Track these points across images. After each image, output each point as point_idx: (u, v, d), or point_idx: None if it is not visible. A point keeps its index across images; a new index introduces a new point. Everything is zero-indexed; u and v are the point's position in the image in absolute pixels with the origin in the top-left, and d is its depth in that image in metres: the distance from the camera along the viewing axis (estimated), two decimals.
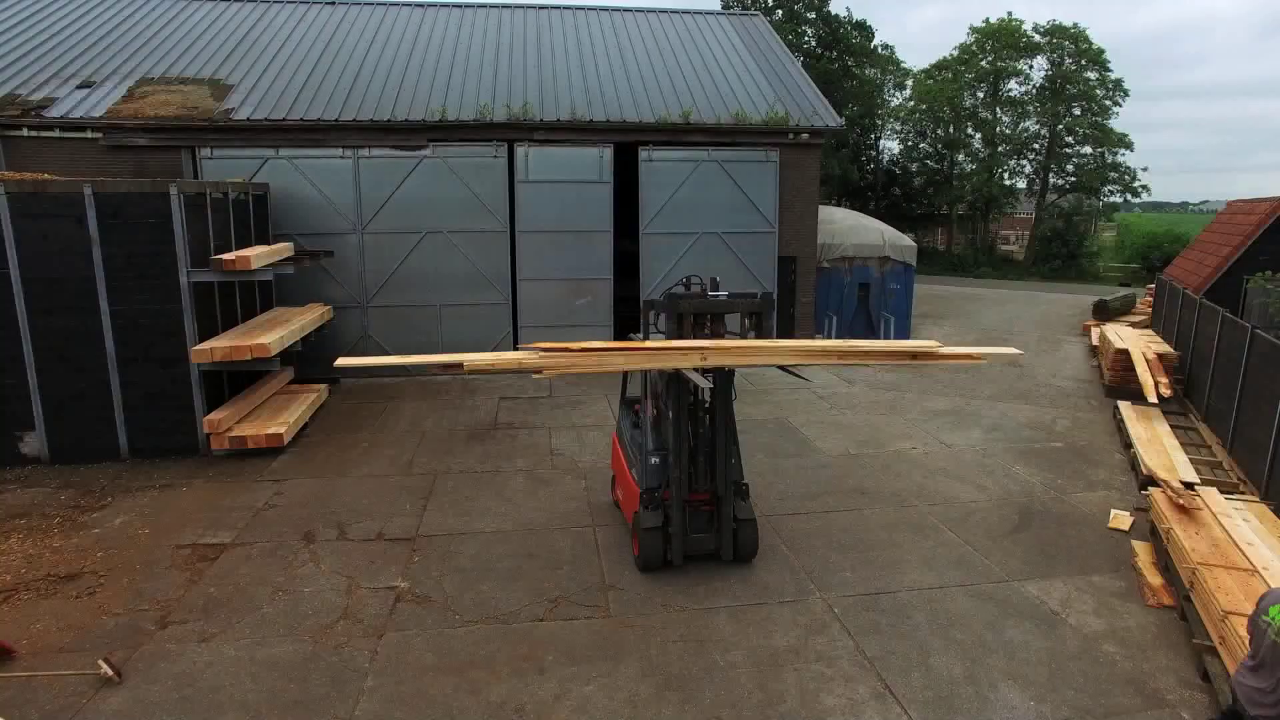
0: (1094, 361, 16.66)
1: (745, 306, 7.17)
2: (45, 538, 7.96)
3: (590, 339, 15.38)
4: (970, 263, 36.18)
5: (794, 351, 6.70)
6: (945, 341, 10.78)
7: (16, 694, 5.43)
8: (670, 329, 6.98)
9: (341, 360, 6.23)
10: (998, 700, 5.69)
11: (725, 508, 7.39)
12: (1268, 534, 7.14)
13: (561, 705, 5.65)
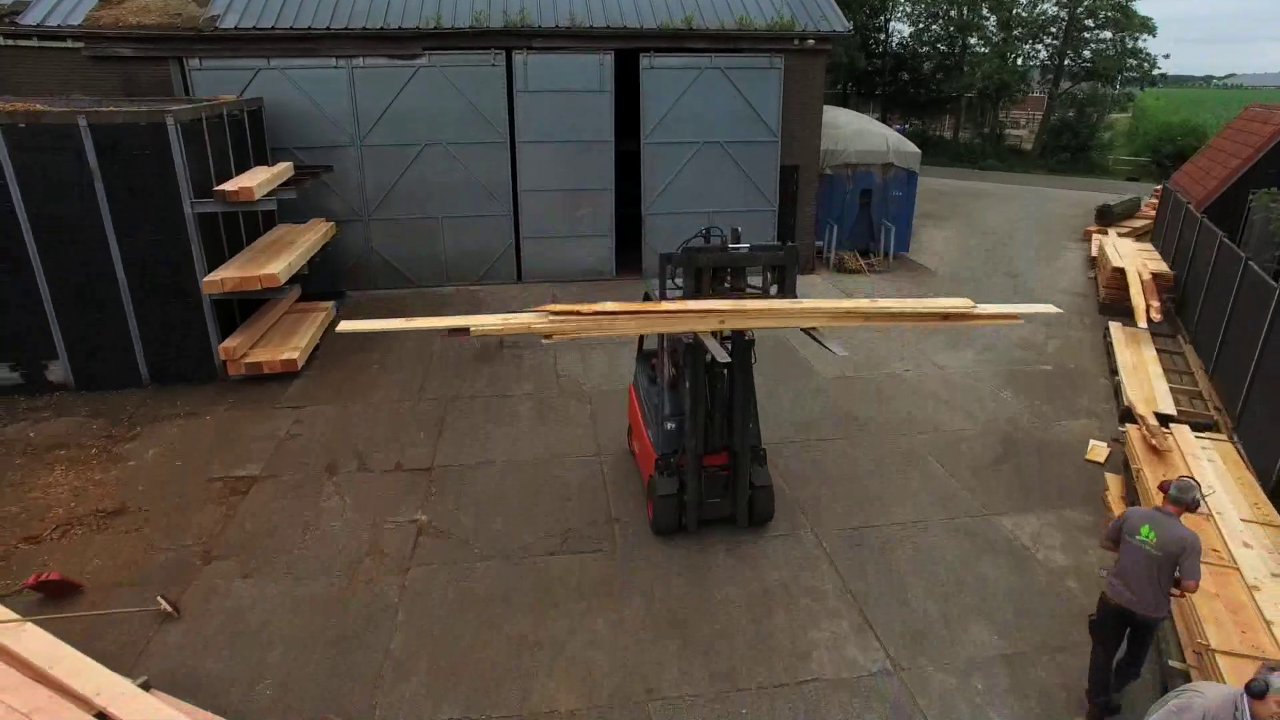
0: (1091, 273, 16.82)
1: (767, 260, 6.77)
2: (86, 470, 8.46)
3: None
4: (978, 154, 35.42)
5: (817, 313, 6.32)
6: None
7: (90, 628, 6.02)
8: (687, 284, 6.63)
9: (344, 324, 6.01)
10: (966, 637, 6.34)
11: (741, 473, 7.26)
12: (1229, 477, 7.64)
13: (574, 640, 6.29)
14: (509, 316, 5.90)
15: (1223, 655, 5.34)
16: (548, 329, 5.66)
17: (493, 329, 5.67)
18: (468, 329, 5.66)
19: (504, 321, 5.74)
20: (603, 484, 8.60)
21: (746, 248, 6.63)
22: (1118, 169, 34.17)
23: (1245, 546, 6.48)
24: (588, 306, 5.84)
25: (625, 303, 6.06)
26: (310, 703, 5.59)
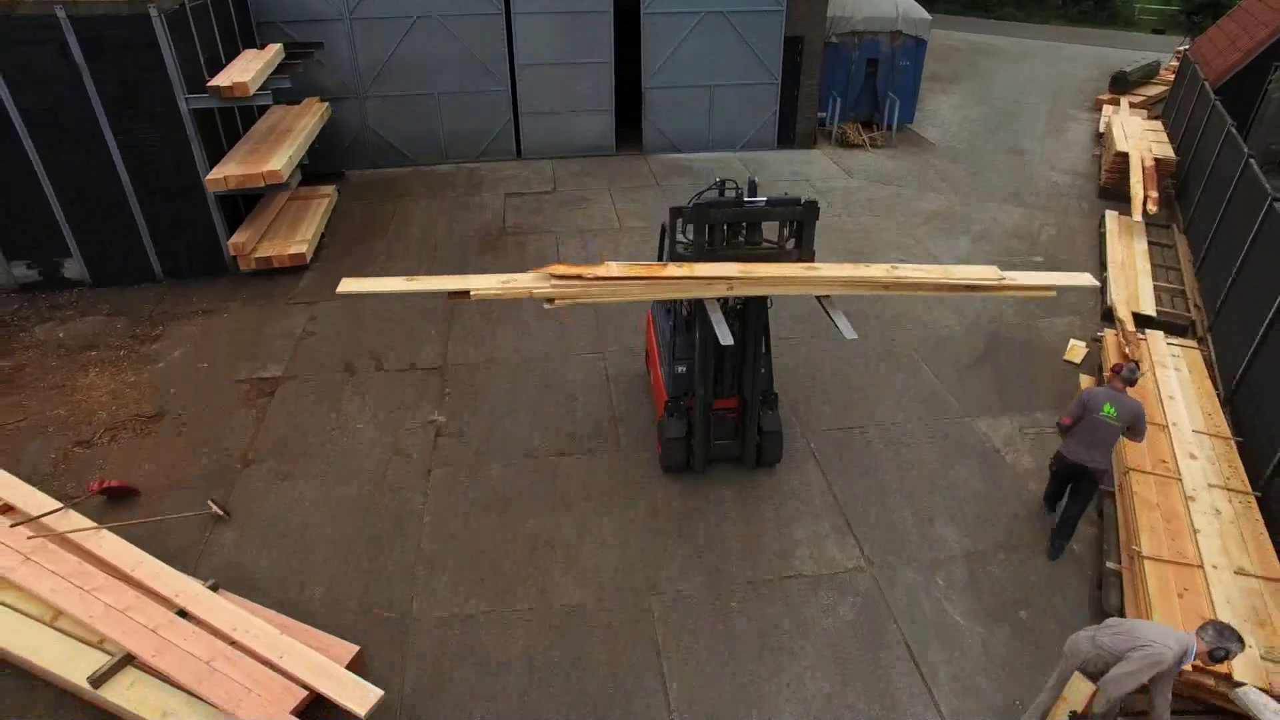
0: (1096, 151, 16.62)
1: (784, 215, 6.46)
2: (119, 372, 8.95)
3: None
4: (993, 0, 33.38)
5: (831, 281, 6.01)
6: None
7: (151, 531, 6.74)
8: (699, 241, 6.37)
9: (344, 284, 5.81)
10: (934, 537, 7.12)
11: (751, 418, 7.26)
12: (1190, 386, 8.19)
13: (584, 541, 7.05)
14: (509, 279, 5.77)
15: (1150, 561, 6.09)
16: (549, 294, 5.63)
17: (492, 293, 5.64)
18: (468, 291, 5.65)
19: (504, 285, 5.67)
20: (605, 381, 9.15)
21: (763, 202, 6.38)
22: (1143, 19, 32.37)
23: (1191, 458, 7.13)
24: (590, 270, 5.76)
25: (630, 264, 5.98)
26: (355, 599, 6.41)
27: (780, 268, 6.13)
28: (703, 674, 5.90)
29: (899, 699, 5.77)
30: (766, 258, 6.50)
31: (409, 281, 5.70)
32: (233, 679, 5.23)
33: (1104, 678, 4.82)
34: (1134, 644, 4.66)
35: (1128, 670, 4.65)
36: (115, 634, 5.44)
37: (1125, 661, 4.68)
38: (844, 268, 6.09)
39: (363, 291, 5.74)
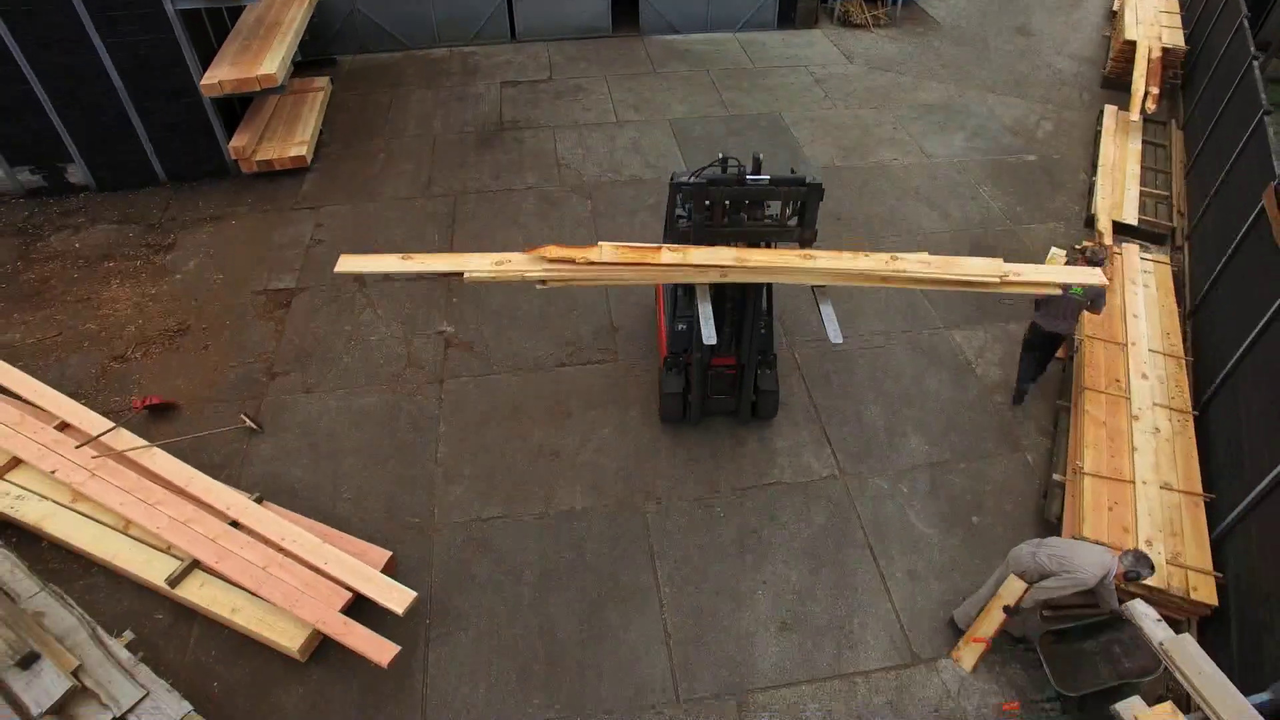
0: (1107, 32, 16.12)
1: (787, 195, 6.28)
2: (138, 283, 9.38)
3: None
4: None
5: (827, 272, 5.94)
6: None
7: (192, 445, 7.44)
8: (698, 218, 6.31)
9: (343, 261, 5.81)
10: (903, 446, 7.86)
11: (747, 377, 7.34)
12: (1155, 304, 8.68)
13: (586, 448, 7.79)
14: (502, 260, 5.77)
15: (1089, 476, 6.85)
16: (542, 276, 5.69)
17: (485, 276, 5.70)
18: (461, 273, 5.76)
19: (497, 267, 5.71)
20: (605, 290, 9.61)
21: (766, 180, 6.18)
22: None
23: (1143, 378, 7.75)
24: (581, 254, 5.72)
25: (623, 247, 5.82)
26: (383, 505, 7.21)
27: (776, 256, 6.04)
28: (691, 572, 6.80)
29: (859, 593, 6.70)
30: (768, 234, 6.56)
31: (404, 260, 5.80)
32: (287, 582, 6.08)
33: (1036, 584, 5.70)
34: (1065, 568, 5.49)
35: (1056, 585, 5.52)
36: (181, 542, 6.26)
37: (1056, 578, 5.54)
38: (841, 258, 5.99)
39: (361, 268, 5.90)
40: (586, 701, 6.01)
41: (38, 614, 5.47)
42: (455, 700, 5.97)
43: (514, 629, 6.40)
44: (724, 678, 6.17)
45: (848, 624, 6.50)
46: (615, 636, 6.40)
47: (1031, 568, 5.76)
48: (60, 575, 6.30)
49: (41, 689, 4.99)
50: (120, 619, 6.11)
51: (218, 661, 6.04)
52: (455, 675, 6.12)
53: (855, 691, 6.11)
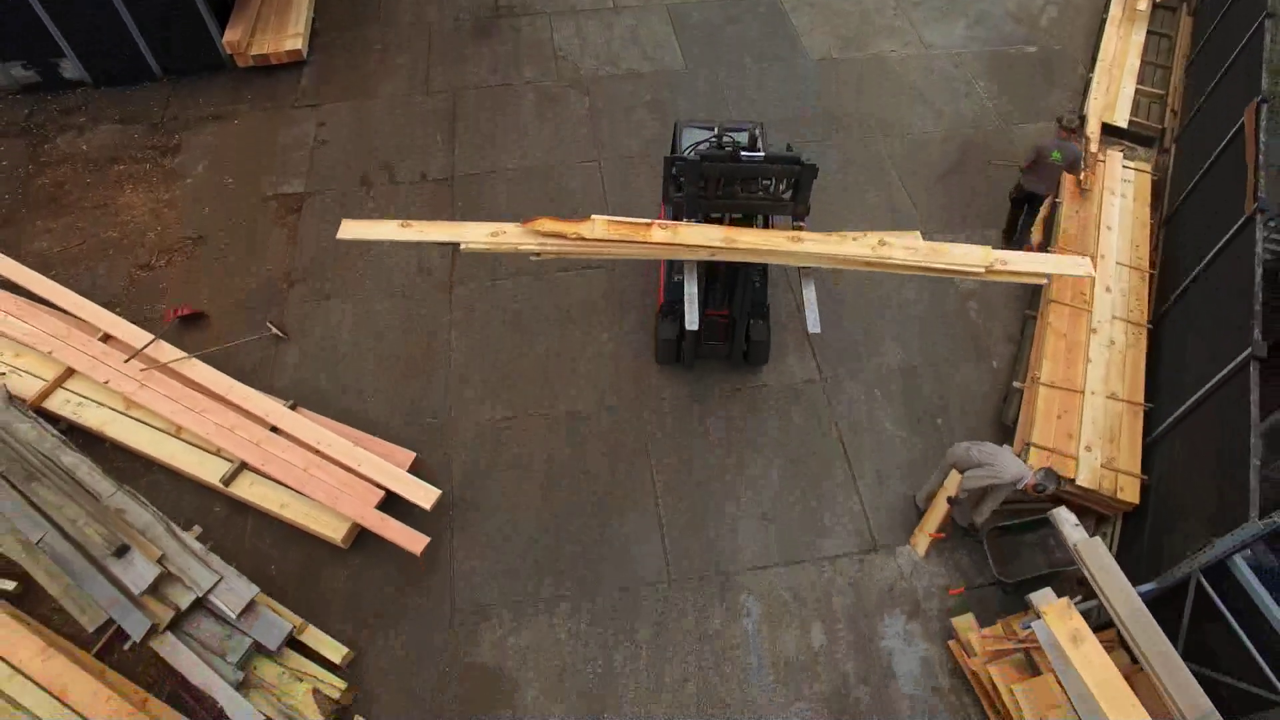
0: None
1: (782, 174, 6.38)
2: (150, 189, 9.66)
3: None
4: None
5: (815, 256, 6.08)
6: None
7: (222, 354, 8.06)
8: (692, 191, 6.46)
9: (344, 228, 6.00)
10: (880, 352, 8.54)
11: (739, 328, 7.62)
12: (1130, 216, 9.08)
13: (586, 350, 8.46)
14: (498, 231, 5.93)
15: (1044, 386, 7.58)
16: (535, 249, 5.91)
17: (481, 247, 5.91)
18: (458, 243, 5.98)
19: (493, 239, 5.89)
20: (602, 193, 9.95)
21: (761, 157, 6.32)
22: None
23: (1106, 291, 8.31)
24: (573, 230, 5.86)
25: (614, 223, 5.99)
26: (405, 408, 7.95)
27: (765, 239, 6.16)
28: (682, 468, 7.65)
29: (830, 488, 7.60)
30: (762, 208, 6.77)
31: (402, 228, 5.98)
32: (326, 482, 6.92)
33: (964, 474, 6.60)
34: (989, 462, 6.34)
35: (978, 474, 6.46)
36: (229, 446, 7.03)
37: (979, 469, 6.42)
38: (829, 242, 6.11)
39: (362, 237, 6.11)
40: (591, 583, 7.02)
41: (119, 511, 6.32)
42: (477, 581, 6.97)
43: (526, 519, 7.32)
44: (710, 561, 7.16)
45: (819, 516, 7.44)
46: (614, 525, 7.33)
47: (964, 460, 6.66)
48: (125, 474, 7.11)
49: (136, 574, 5.90)
50: (183, 512, 6.99)
51: (272, 548, 6.98)
52: (477, 560, 7.09)
53: (823, 573, 7.12)
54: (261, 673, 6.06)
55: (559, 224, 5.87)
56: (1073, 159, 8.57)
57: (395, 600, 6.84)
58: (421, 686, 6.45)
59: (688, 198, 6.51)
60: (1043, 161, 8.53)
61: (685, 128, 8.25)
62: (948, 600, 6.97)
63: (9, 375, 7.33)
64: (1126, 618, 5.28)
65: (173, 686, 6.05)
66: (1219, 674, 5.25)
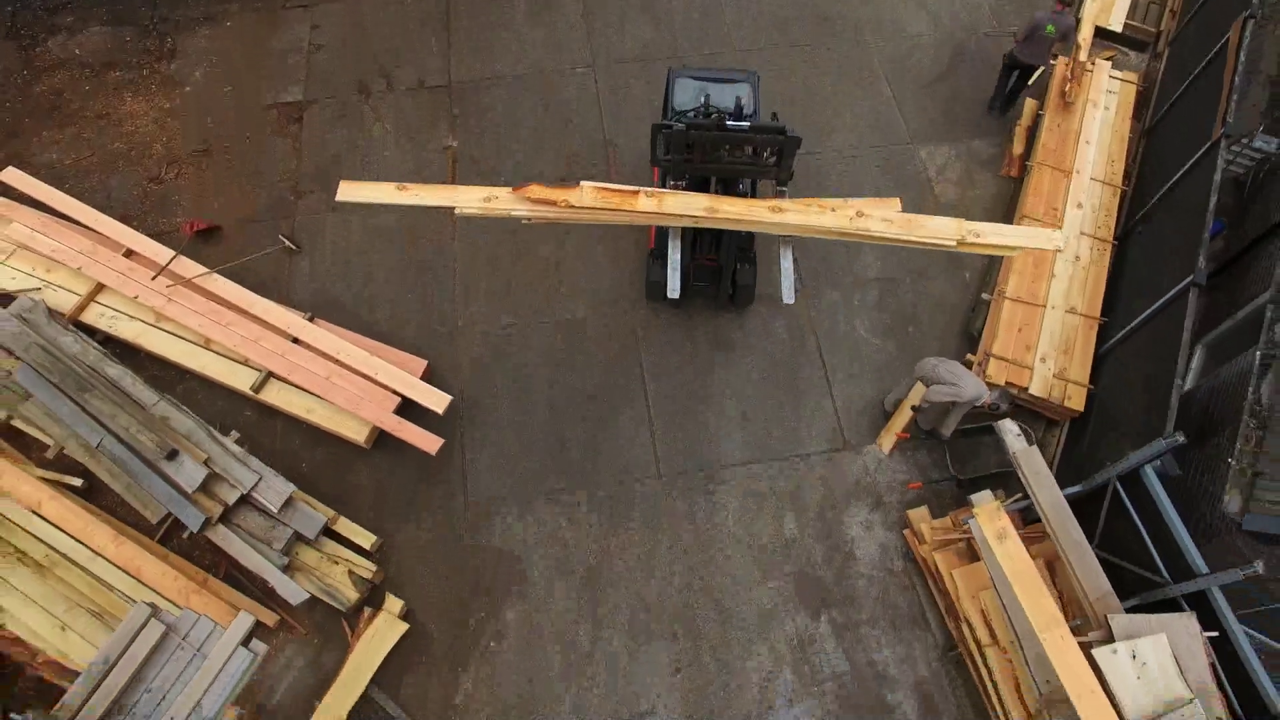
0: None
1: (765, 143, 6.64)
2: (150, 97, 9.79)
3: None
4: None
5: (794, 227, 6.28)
6: None
7: (239, 268, 8.53)
8: (678, 158, 6.74)
9: (342, 190, 6.17)
10: (858, 264, 9.04)
11: (725, 273, 7.95)
12: (1110, 129, 9.33)
13: (583, 264, 8.95)
14: (490, 196, 6.08)
15: (1009, 300, 8.16)
16: (526, 214, 6.13)
17: (474, 212, 6.06)
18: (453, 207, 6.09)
19: (485, 204, 6.04)
20: (596, 102, 10.12)
21: (745, 127, 6.56)
22: None
23: (1077, 207, 8.72)
24: (562, 197, 6.03)
25: (602, 190, 6.13)
26: (415, 317, 8.53)
27: (746, 209, 6.30)
28: (670, 371, 8.34)
29: (806, 390, 8.32)
30: (746, 172, 7.05)
31: (399, 191, 6.13)
32: (346, 389, 7.60)
33: (929, 387, 7.31)
34: (951, 381, 7.03)
35: (941, 390, 7.15)
36: (255, 357, 7.67)
37: (943, 386, 7.11)
38: (808, 213, 6.26)
39: (360, 200, 6.21)
40: (588, 476, 7.86)
41: (164, 419, 7.03)
42: (487, 476, 7.81)
43: (529, 420, 8.07)
44: (695, 458, 7.98)
45: (795, 417, 8.20)
46: (609, 425, 8.11)
47: (930, 375, 7.34)
48: (161, 382, 7.77)
49: (187, 475, 6.69)
50: (218, 418, 7.71)
51: (301, 449, 7.76)
52: (486, 457, 7.90)
53: (796, 469, 7.96)
54: (303, 557, 6.97)
55: (548, 191, 6.09)
56: (1065, 30, 9.11)
57: (415, 494, 7.70)
58: (442, 567, 7.41)
59: (674, 164, 6.78)
60: (1037, 34, 9.06)
61: (678, 78, 8.16)
62: (907, 494, 7.85)
63: (44, 291, 7.85)
64: (1050, 514, 6.12)
65: (227, 569, 6.98)
66: (1124, 562, 6.15)
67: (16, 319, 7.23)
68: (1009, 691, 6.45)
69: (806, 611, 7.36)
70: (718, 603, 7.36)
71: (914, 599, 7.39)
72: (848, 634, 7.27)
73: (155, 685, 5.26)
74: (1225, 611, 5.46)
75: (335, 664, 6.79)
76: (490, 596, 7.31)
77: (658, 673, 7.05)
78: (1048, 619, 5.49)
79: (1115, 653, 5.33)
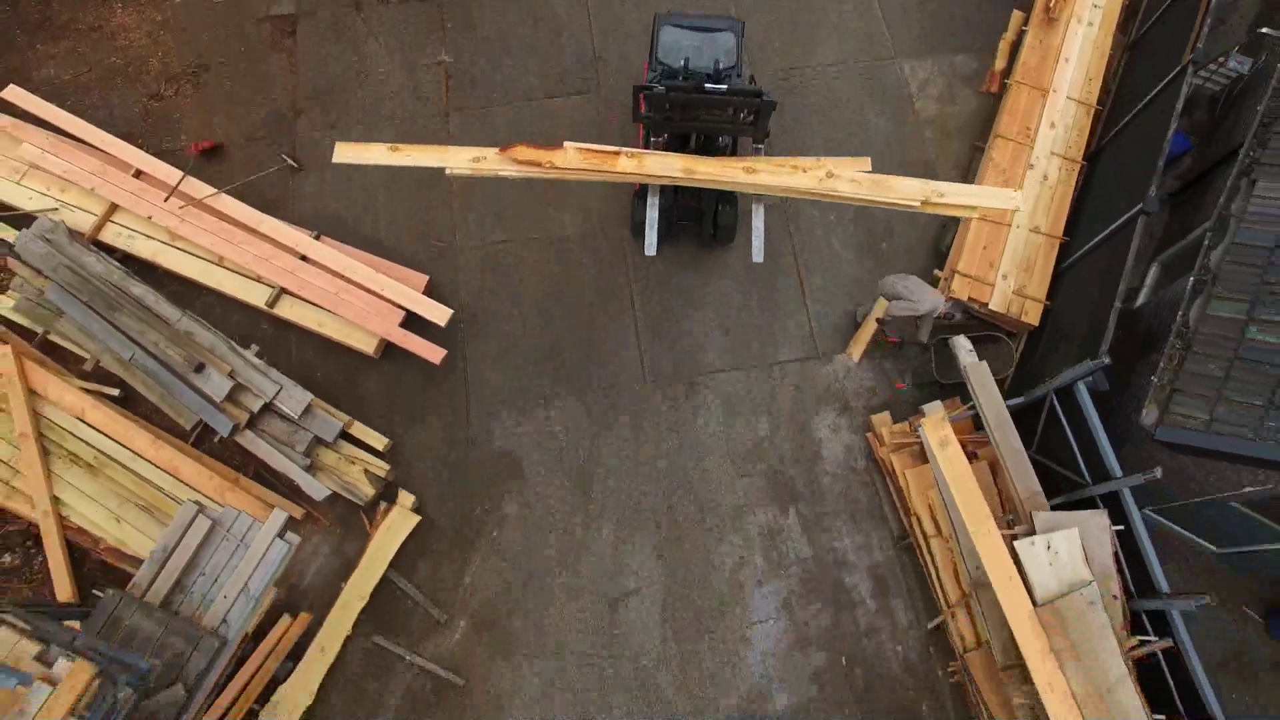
0: None
1: (742, 105, 6.93)
2: (140, 8, 9.80)
3: None
4: None
5: (768, 187, 6.61)
6: None
7: (245, 186, 8.90)
8: (658, 117, 7.06)
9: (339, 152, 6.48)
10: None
11: (707, 215, 8.34)
12: (1089, 48, 9.43)
13: (571, 187, 9.33)
14: (479, 157, 6.48)
15: (976, 220, 8.60)
16: (513, 174, 6.56)
17: (464, 172, 6.48)
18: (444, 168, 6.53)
19: (474, 164, 6.45)
20: (587, 15, 10.18)
21: (723, 90, 6.85)
22: None
23: (1050, 127, 9.00)
24: (547, 158, 6.41)
25: (584, 150, 6.53)
26: (414, 232, 8.99)
27: (721, 169, 6.65)
28: (656, 284, 8.90)
29: (783, 303, 8.91)
30: (724, 130, 7.29)
31: (392, 152, 6.48)
32: (354, 304, 8.17)
33: (891, 302, 7.93)
34: (912, 297, 7.64)
35: (900, 305, 7.81)
36: (267, 274, 8.20)
37: (902, 300, 7.74)
38: (780, 174, 6.61)
39: (356, 161, 6.54)
40: (580, 382, 8.56)
41: (188, 334, 7.64)
42: (488, 381, 8.50)
43: (525, 330, 8.70)
44: (678, 365, 8.65)
45: (772, 327, 8.83)
46: (599, 334, 8.74)
47: (891, 291, 7.97)
48: (179, 299, 8.30)
49: (215, 386, 7.37)
50: (236, 331, 8.31)
51: (315, 359, 8.41)
52: (487, 364, 8.57)
53: (771, 376, 8.66)
54: (323, 458, 7.76)
55: (534, 152, 6.39)
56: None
57: (422, 400, 8.41)
58: (448, 465, 8.22)
59: (654, 122, 7.14)
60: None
61: (664, 25, 8.18)
62: (871, 400, 8.58)
63: (61, 211, 8.27)
64: (993, 423, 6.85)
65: (255, 469, 7.78)
66: (1056, 465, 6.94)
67: (42, 240, 7.71)
68: (949, 576, 7.40)
69: (776, 505, 8.23)
70: (696, 496, 8.22)
71: (873, 495, 8.25)
72: (813, 525, 8.17)
73: (208, 570, 6.12)
74: (1131, 508, 6.28)
75: (356, 552, 7.70)
76: (492, 491, 8.16)
77: (642, 558, 7.98)
78: (978, 516, 6.31)
79: (1033, 544, 6.18)
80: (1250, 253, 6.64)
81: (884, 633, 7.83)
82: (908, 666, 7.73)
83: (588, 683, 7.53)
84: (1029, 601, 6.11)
